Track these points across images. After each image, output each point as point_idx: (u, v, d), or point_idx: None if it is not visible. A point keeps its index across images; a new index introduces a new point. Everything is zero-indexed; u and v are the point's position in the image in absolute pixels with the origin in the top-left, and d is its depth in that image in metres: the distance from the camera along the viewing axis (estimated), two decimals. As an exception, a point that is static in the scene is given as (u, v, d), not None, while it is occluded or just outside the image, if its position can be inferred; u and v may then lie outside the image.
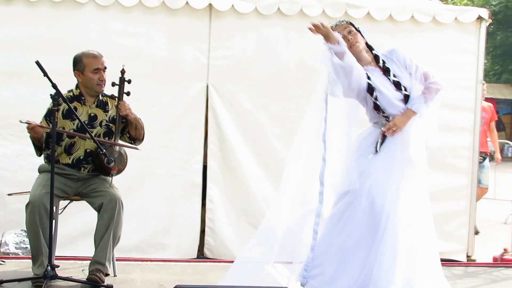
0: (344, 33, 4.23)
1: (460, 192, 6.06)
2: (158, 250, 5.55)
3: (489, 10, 6.49)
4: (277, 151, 5.76)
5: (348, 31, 4.25)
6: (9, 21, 5.40)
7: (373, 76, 4.17)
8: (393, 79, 4.17)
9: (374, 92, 4.12)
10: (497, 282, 5.09)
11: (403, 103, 4.15)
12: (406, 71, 4.23)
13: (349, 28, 4.28)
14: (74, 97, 4.52)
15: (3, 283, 4.24)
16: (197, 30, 5.65)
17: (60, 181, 4.35)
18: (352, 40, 4.21)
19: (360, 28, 4.37)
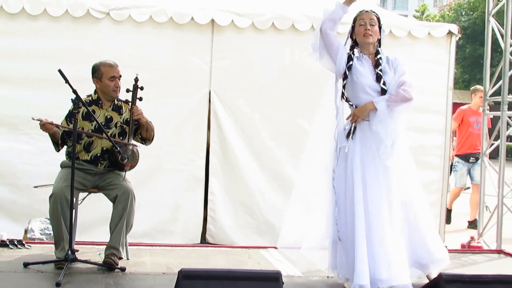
0: (366, 20, 4.13)
1: (433, 186, 6.07)
2: (165, 236, 5.57)
3: (459, 25, 6.53)
4: (271, 149, 5.80)
5: (370, 22, 4.13)
6: (36, 34, 5.42)
7: (360, 63, 4.12)
8: (377, 71, 4.09)
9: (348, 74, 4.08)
10: (465, 266, 5.05)
11: (378, 94, 4.06)
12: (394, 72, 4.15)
13: (373, 20, 4.15)
14: (93, 101, 4.52)
15: (29, 265, 4.24)
16: (201, 43, 5.67)
17: (79, 175, 4.35)
18: (368, 30, 4.11)
19: (382, 26, 4.24)
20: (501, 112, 5.75)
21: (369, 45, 4.17)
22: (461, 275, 2.77)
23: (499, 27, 5.78)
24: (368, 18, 4.14)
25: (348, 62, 4.12)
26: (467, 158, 7.72)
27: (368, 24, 4.12)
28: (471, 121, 7.71)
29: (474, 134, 7.63)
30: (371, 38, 4.13)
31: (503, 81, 5.66)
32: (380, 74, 4.10)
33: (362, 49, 4.19)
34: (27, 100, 5.43)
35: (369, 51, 4.18)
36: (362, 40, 4.16)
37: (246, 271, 2.89)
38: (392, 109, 4.04)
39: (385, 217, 3.99)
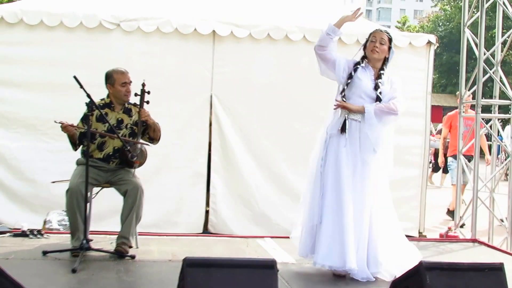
0: (377, 38, 4.18)
1: (413, 182, 6.09)
2: (171, 227, 5.57)
3: (437, 35, 6.55)
4: (266, 148, 5.80)
5: (381, 41, 4.18)
6: (53, 44, 5.43)
7: (363, 71, 4.17)
8: (377, 81, 4.16)
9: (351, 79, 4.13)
10: (443, 254, 5.07)
11: (372, 101, 4.12)
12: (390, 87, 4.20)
13: (384, 40, 4.19)
14: (106, 104, 4.53)
15: (47, 253, 4.26)
16: (203, 51, 5.67)
17: (93, 172, 4.35)
18: (376, 48, 4.16)
19: (393, 46, 4.28)
20: (475, 114, 5.77)
21: (375, 60, 4.22)
22: (439, 263, 2.78)
23: (474, 37, 5.80)
24: (379, 36, 4.20)
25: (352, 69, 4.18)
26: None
27: (378, 42, 4.18)
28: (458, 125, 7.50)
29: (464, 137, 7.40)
30: (377, 54, 4.18)
31: (477, 86, 5.68)
32: (379, 84, 4.16)
33: (369, 62, 4.24)
34: (45, 103, 5.44)
35: (374, 64, 4.23)
36: (369, 55, 4.22)
37: (243, 260, 2.89)
38: (379, 116, 4.10)
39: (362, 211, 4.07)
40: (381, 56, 4.21)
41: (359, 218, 4.05)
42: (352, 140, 4.13)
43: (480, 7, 5.65)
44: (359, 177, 4.10)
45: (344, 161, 4.09)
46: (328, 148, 4.19)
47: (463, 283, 2.68)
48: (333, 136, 4.19)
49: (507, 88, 5.72)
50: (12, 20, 5.37)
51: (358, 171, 4.11)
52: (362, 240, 4.04)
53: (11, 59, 5.42)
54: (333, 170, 4.12)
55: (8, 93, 5.43)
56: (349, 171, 4.08)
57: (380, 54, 4.19)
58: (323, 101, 5.84)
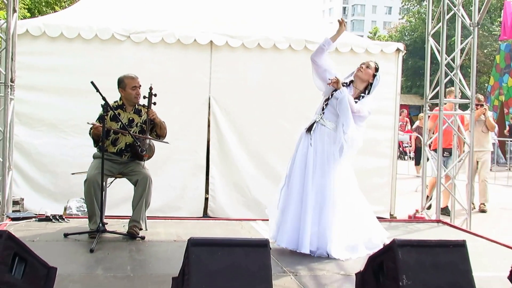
0: (365, 63, 4.11)
1: (385, 171, 6.12)
2: (175, 211, 5.57)
3: (404, 43, 6.57)
4: (258, 143, 5.81)
5: (367, 65, 4.11)
6: (72, 53, 5.42)
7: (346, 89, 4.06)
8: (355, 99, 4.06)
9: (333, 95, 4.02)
10: (411, 233, 5.08)
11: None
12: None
13: (370, 65, 4.11)
14: (118, 106, 4.50)
15: (68, 235, 4.25)
16: (202, 59, 5.66)
17: (108, 164, 4.33)
18: (361, 68, 4.09)
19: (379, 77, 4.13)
20: (439, 111, 5.80)
21: (359, 80, 4.12)
22: (410, 240, 2.79)
23: (436, 45, 5.81)
24: (366, 63, 4.14)
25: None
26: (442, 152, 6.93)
27: (365, 65, 4.11)
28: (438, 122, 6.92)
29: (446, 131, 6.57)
30: (360, 73, 4.09)
31: (439, 87, 5.70)
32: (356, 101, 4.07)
33: (354, 83, 4.14)
34: (65, 106, 5.43)
35: (357, 86, 4.13)
36: (355, 73, 4.13)
37: (241, 240, 2.89)
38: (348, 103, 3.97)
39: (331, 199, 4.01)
40: (364, 77, 4.10)
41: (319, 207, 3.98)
42: (318, 141, 4.06)
43: (441, 18, 5.66)
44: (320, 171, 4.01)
45: (309, 158, 4.02)
46: (299, 145, 4.15)
47: (431, 257, 2.69)
48: (303, 135, 4.15)
49: (466, 88, 5.74)
50: (36, 33, 5.35)
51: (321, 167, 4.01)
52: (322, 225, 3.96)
53: (35, 67, 5.39)
54: (298, 165, 4.07)
55: (33, 97, 5.41)
56: (312, 166, 4.00)
57: (364, 74, 4.08)
58: (307, 102, 5.89)
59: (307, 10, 6.58)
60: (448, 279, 2.65)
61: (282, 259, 3.85)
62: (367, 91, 4.13)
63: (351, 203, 4.09)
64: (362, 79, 4.11)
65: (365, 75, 4.10)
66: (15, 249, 2.72)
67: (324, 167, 4.02)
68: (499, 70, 16.19)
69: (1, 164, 4.86)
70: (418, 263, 2.64)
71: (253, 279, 2.52)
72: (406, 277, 2.60)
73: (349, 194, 4.10)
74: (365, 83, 4.12)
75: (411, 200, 7.33)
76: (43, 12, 15.01)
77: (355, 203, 4.13)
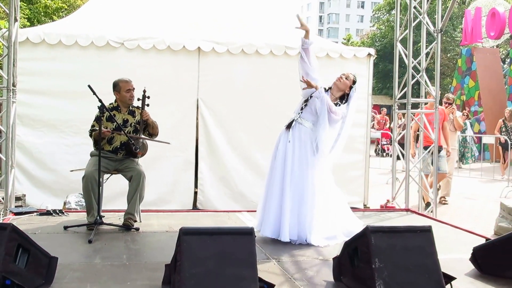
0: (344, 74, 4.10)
1: (358, 164, 6.18)
2: (167, 204, 5.56)
3: (375, 49, 6.63)
4: (242, 140, 5.82)
5: (346, 77, 4.10)
6: (70, 59, 5.37)
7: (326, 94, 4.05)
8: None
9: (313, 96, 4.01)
10: (383, 221, 5.11)
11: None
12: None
13: (349, 77, 4.10)
14: (114, 107, 4.47)
15: (68, 228, 4.22)
16: (191, 64, 5.64)
17: (104, 161, 4.30)
18: (340, 78, 4.08)
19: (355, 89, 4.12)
20: (406, 110, 5.87)
21: (336, 89, 4.11)
22: (381, 227, 2.83)
23: (404, 50, 5.88)
24: (346, 74, 4.14)
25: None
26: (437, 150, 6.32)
27: (344, 76, 4.11)
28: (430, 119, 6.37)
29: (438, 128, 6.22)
30: (339, 82, 4.09)
31: (407, 88, 5.77)
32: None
33: (331, 90, 4.13)
34: (64, 107, 5.38)
35: (334, 93, 4.12)
36: (334, 82, 4.13)
37: (228, 228, 2.90)
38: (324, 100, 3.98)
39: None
40: (341, 87, 4.10)
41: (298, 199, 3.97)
42: (296, 137, 4.05)
43: (408, 25, 5.73)
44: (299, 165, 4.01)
45: (288, 153, 4.02)
46: (280, 142, 4.15)
47: (401, 241, 2.74)
48: (283, 132, 4.15)
49: (431, 89, 5.82)
50: (36, 40, 5.30)
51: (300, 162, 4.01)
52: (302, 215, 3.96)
53: (36, 72, 5.34)
54: (278, 160, 4.07)
55: (33, 99, 5.35)
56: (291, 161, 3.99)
57: (341, 84, 4.09)
58: (287, 102, 5.89)
59: (286, 18, 6.60)
60: (416, 261, 2.69)
61: (266, 247, 3.87)
62: (344, 100, 4.13)
63: (328, 195, 4.10)
64: (339, 88, 4.12)
65: (343, 85, 4.12)
66: (19, 241, 2.71)
67: (302, 162, 4.03)
68: (461, 73, 16.43)
69: (4, 163, 4.81)
70: (389, 247, 2.68)
71: (239, 264, 2.53)
72: (378, 260, 2.63)
73: (326, 187, 4.10)
74: (341, 92, 4.13)
75: (383, 192, 7.41)
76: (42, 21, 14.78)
77: (332, 194, 4.14)
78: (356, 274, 2.81)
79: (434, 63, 5.79)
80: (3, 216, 4.65)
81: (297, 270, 3.34)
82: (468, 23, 15.41)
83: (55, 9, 15.97)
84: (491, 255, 3.23)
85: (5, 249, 2.56)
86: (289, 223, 3.95)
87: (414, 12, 5.70)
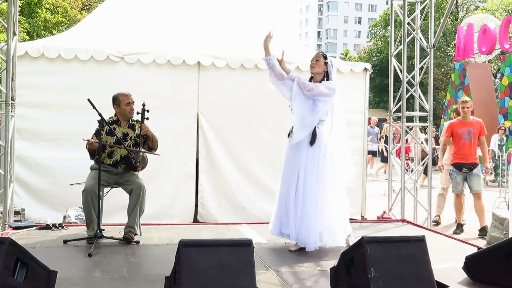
0: (314, 58, 4.14)
1: (356, 176, 6.08)
2: (168, 217, 5.52)
3: (371, 63, 6.68)
4: (242, 153, 5.81)
5: (316, 59, 4.13)
6: (69, 73, 5.37)
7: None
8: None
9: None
10: (380, 232, 5.12)
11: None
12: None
13: (318, 57, 4.13)
14: (114, 121, 4.47)
15: (67, 241, 4.19)
16: (190, 78, 5.66)
17: (104, 175, 4.29)
18: (312, 65, 4.13)
19: (331, 62, 4.16)
20: (401, 123, 5.89)
21: (316, 75, 4.17)
22: (377, 237, 2.83)
23: (398, 65, 5.93)
24: (315, 57, 4.19)
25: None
26: (460, 167, 5.90)
27: (314, 60, 4.15)
28: (460, 133, 5.95)
29: (465, 144, 5.89)
30: (314, 69, 4.15)
31: (402, 102, 5.80)
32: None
33: (313, 79, 4.19)
34: (63, 121, 5.37)
35: (316, 79, 4.18)
36: (311, 71, 4.20)
37: (226, 240, 2.89)
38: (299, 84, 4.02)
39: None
40: (318, 70, 4.13)
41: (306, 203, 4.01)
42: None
43: (402, 41, 5.78)
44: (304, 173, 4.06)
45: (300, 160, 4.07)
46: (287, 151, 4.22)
47: (395, 251, 2.76)
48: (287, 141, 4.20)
49: (425, 103, 5.85)
50: (35, 54, 5.30)
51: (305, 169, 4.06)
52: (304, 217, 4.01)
53: (35, 86, 5.33)
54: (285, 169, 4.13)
55: (33, 113, 5.34)
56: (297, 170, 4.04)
57: (317, 68, 4.13)
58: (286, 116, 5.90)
59: (285, 33, 6.66)
60: (410, 270, 2.72)
61: (265, 257, 3.85)
62: (325, 78, 4.14)
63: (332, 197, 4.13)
64: (318, 72, 4.15)
65: (319, 68, 4.14)
66: (17, 255, 2.68)
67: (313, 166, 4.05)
68: (454, 87, 16.54)
69: (2, 177, 4.79)
70: (384, 257, 2.70)
71: (238, 275, 2.52)
72: (374, 269, 2.65)
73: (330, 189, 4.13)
74: (322, 74, 4.16)
75: (379, 203, 7.39)
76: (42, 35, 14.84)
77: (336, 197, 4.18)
78: (352, 283, 2.81)
79: (427, 77, 5.84)
80: (2, 231, 4.62)
81: (295, 280, 3.33)
82: (461, 39, 15.57)
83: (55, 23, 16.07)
84: (483, 263, 3.28)
85: (3, 263, 2.54)
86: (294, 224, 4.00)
87: (408, 28, 5.77)
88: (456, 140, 5.96)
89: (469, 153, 5.86)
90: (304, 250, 4.01)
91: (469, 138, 5.88)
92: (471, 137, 5.88)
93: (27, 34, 14.64)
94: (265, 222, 5.46)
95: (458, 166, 5.91)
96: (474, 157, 5.86)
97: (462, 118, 6.02)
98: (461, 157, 5.89)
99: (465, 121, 5.98)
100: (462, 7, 31.83)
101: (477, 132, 5.94)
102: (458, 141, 5.94)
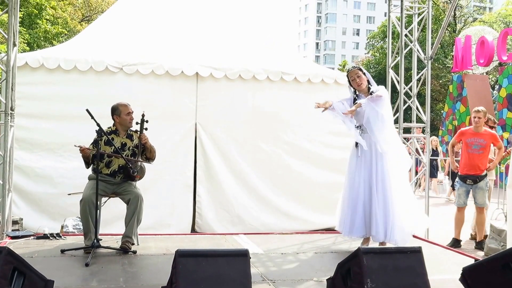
0: (354, 76, 4.41)
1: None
2: (165, 227, 5.51)
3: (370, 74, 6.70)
4: (240, 164, 5.80)
5: (357, 75, 4.41)
6: (69, 84, 5.38)
7: (360, 98, 4.40)
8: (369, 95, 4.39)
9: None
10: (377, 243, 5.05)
11: None
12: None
13: (358, 73, 4.43)
14: (112, 131, 4.50)
15: (65, 251, 4.19)
16: (189, 88, 5.67)
17: (102, 185, 4.30)
18: (358, 81, 4.39)
19: (366, 71, 4.51)
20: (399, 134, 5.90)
21: (361, 90, 4.46)
22: (373, 248, 2.85)
23: (396, 76, 5.97)
24: (355, 74, 4.47)
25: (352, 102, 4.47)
26: (464, 179, 5.68)
27: (356, 78, 4.42)
28: (468, 142, 5.68)
29: (473, 155, 5.60)
30: (359, 86, 4.43)
31: (399, 113, 5.84)
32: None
33: (359, 91, 4.44)
34: (62, 131, 5.36)
35: (363, 91, 4.44)
36: (358, 89, 4.44)
37: (223, 250, 2.90)
38: (371, 101, 4.28)
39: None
40: (365, 83, 4.43)
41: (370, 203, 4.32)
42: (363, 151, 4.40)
43: (400, 53, 5.84)
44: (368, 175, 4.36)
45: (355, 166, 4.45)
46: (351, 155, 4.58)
47: (392, 262, 2.77)
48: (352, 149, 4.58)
49: (422, 114, 5.89)
50: (35, 65, 5.32)
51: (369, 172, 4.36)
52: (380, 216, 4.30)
53: (34, 96, 5.34)
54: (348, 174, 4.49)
55: (32, 123, 5.35)
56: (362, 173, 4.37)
57: (363, 84, 4.41)
58: (284, 126, 5.96)
59: (283, 45, 6.71)
60: (407, 281, 2.72)
61: (262, 268, 3.85)
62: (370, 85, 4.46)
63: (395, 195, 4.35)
64: (362, 86, 4.44)
65: (363, 82, 4.43)
66: (14, 264, 2.68)
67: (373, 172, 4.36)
68: (452, 98, 16.62)
69: (1, 187, 4.79)
70: (381, 268, 2.70)
71: (234, 286, 2.52)
72: (370, 280, 2.65)
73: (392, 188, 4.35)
74: (365, 86, 4.46)
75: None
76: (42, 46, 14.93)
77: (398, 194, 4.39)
78: (349, 294, 2.80)
79: (425, 89, 5.87)
80: (0, 240, 4.61)
81: (292, 292, 3.32)
82: (459, 51, 15.68)
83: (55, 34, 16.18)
84: (480, 275, 3.24)
85: (1, 272, 2.54)
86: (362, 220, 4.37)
87: (405, 40, 5.82)
88: (464, 149, 5.73)
89: (475, 165, 5.57)
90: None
91: (477, 149, 5.58)
92: (480, 148, 5.58)
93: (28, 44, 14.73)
94: (262, 232, 5.50)
95: (463, 177, 5.69)
96: (481, 169, 5.57)
97: (474, 128, 5.68)
98: (466, 168, 5.65)
99: (477, 131, 5.65)
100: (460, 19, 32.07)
101: (487, 144, 5.66)
102: (465, 150, 5.69)
